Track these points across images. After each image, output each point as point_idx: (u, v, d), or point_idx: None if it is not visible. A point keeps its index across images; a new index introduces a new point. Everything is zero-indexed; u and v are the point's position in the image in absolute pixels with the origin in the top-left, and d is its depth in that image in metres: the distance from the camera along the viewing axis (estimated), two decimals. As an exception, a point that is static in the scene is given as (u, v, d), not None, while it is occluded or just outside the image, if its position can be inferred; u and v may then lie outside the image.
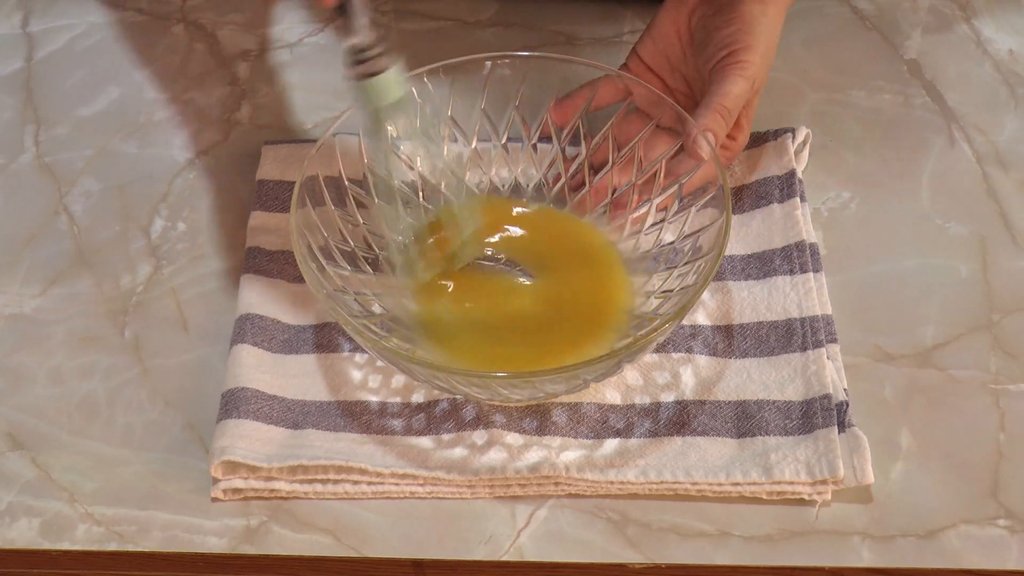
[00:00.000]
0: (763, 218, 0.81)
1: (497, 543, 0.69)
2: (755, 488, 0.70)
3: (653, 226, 0.79)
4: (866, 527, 0.69)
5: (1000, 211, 0.83)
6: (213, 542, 0.70)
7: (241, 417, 0.72)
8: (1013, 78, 0.92)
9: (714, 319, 0.77)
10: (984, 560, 0.68)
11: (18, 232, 0.86)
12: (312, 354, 0.77)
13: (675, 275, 0.75)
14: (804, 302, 0.77)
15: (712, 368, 0.75)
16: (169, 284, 0.82)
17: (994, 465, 0.71)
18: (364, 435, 0.73)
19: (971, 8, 0.97)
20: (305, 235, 0.73)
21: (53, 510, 0.72)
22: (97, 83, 0.95)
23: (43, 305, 0.81)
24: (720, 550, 0.68)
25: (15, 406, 0.76)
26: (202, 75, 0.95)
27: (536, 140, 0.83)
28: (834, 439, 0.70)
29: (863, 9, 0.98)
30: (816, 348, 0.74)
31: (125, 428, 0.75)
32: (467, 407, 0.73)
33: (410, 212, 0.81)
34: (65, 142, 0.91)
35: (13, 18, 1.01)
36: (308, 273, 0.72)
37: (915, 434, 0.73)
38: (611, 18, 0.98)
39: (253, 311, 0.78)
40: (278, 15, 1.00)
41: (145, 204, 0.87)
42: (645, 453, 0.71)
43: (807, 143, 0.85)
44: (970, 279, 0.80)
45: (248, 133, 0.91)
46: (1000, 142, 0.88)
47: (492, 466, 0.71)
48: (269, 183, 0.85)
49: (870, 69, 0.93)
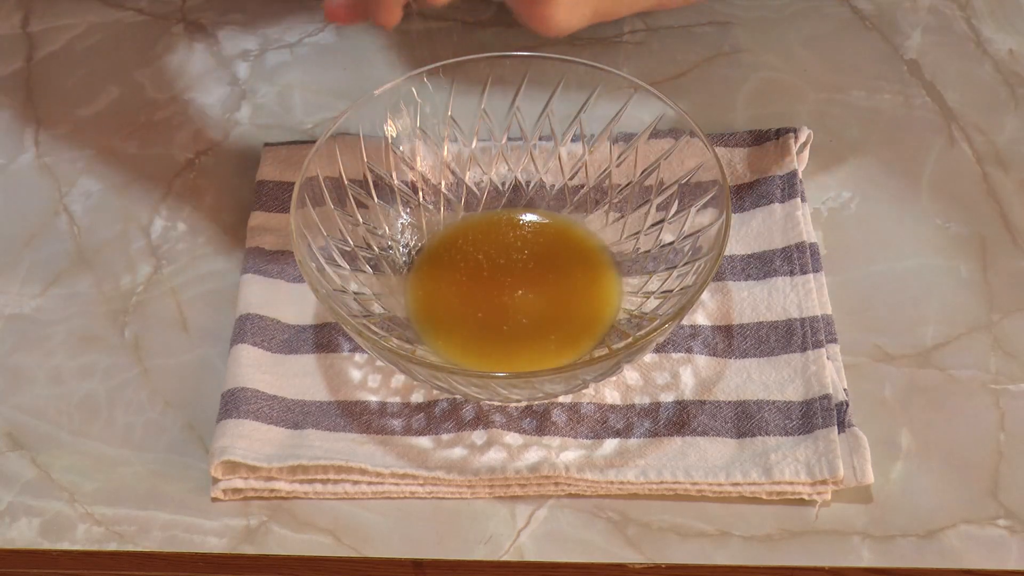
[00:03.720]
0: (763, 218, 0.82)
1: (497, 543, 0.69)
2: (755, 488, 0.70)
3: (653, 226, 0.79)
4: (866, 527, 0.69)
5: (1000, 211, 0.83)
6: (213, 542, 0.70)
7: (241, 417, 0.72)
8: (1013, 78, 0.92)
9: (714, 319, 0.77)
10: (984, 560, 0.68)
11: (18, 232, 0.86)
12: (312, 354, 0.77)
13: (675, 275, 0.75)
14: (804, 302, 0.77)
15: (712, 368, 0.75)
16: (169, 284, 0.82)
17: (994, 465, 0.71)
18: (364, 435, 0.73)
19: (971, 8, 0.97)
20: (305, 235, 0.73)
21: (53, 510, 0.72)
22: (97, 83, 0.95)
23: (43, 305, 0.81)
24: (720, 550, 0.69)
25: (15, 406, 0.76)
26: (202, 75, 0.95)
27: (536, 140, 0.83)
28: (834, 439, 0.70)
29: (863, 9, 0.98)
30: (816, 348, 0.74)
31: (125, 428, 0.75)
32: (467, 407, 0.74)
33: (410, 212, 0.82)
34: (65, 142, 0.91)
35: (13, 18, 1.01)
36: (308, 273, 0.72)
37: (915, 434, 0.73)
38: (611, 18, 0.98)
39: (253, 311, 0.78)
40: (278, 15, 1.00)
41: (145, 204, 0.87)
42: (645, 453, 0.71)
43: (808, 143, 0.85)
44: (970, 279, 0.80)
45: (248, 133, 0.91)
46: (1000, 142, 0.88)
47: (492, 466, 0.71)
48: (269, 183, 0.85)
49: (870, 69, 0.93)
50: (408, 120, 0.81)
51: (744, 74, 0.93)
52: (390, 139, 0.81)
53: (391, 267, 0.79)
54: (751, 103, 0.91)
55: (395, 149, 0.81)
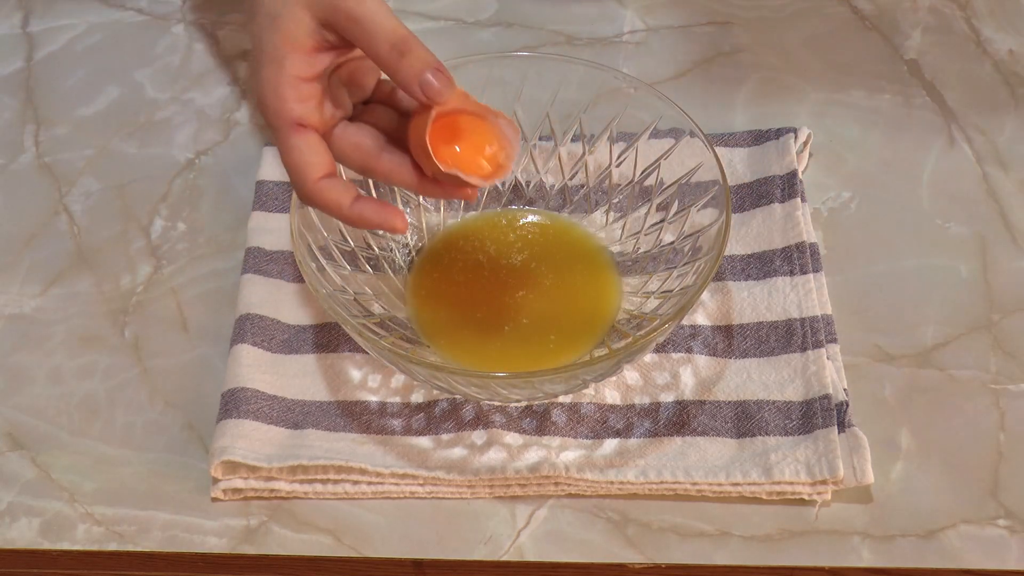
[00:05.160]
0: (764, 218, 0.81)
1: (497, 543, 0.69)
2: (755, 488, 0.70)
3: (653, 226, 0.79)
4: (866, 527, 0.69)
5: (1000, 211, 0.83)
6: (213, 542, 0.70)
7: (241, 417, 0.72)
8: (1013, 78, 0.92)
9: (714, 319, 0.77)
10: (984, 560, 0.68)
11: (18, 232, 0.86)
12: (312, 354, 0.77)
13: (675, 275, 0.75)
14: (804, 302, 0.77)
15: (712, 368, 0.75)
16: (169, 284, 0.82)
17: (994, 465, 0.71)
18: (364, 435, 0.73)
19: (971, 8, 0.97)
20: (305, 235, 0.73)
21: (53, 510, 0.72)
22: (97, 83, 0.95)
23: (43, 305, 0.81)
24: (720, 550, 0.68)
25: (15, 406, 0.76)
26: (202, 75, 0.95)
27: (536, 140, 0.83)
28: (834, 439, 0.70)
29: (863, 9, 0.98)
30: (816, 348, 0.74)
31: (125, 428, 0.75)
32: (466, 407, 0.73)
33: (410, 212, 0.82)
34: (65, 142, 0.91)
35: (13, 18, 1.01)
36: (308, 273, 0.72)
37: (915, 434, 0.73)
38: (611, 18, 0.98)
39: (253, 311, 0.78)
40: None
41: (145, 204, 0.87)
42: (645, 453, 0.71)
43: (808, 143, 0.85)
44: (970, 279, 0.80)
45: (248, 133, 0.91)
46: (1000, 142, 0.88)
47: (492, 466, 0.71)
48: (269, 183, 0.85)
49: (870, 69, 0.93)
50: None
51: (744, 74, 0.93)
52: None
53: (391, 267, 0.79)
54: (751, 103, 0.91)
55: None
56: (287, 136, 0.65)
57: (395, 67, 0.64)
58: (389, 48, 0.64)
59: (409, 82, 0.64)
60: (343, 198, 0.66)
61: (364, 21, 0.64)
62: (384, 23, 0.64)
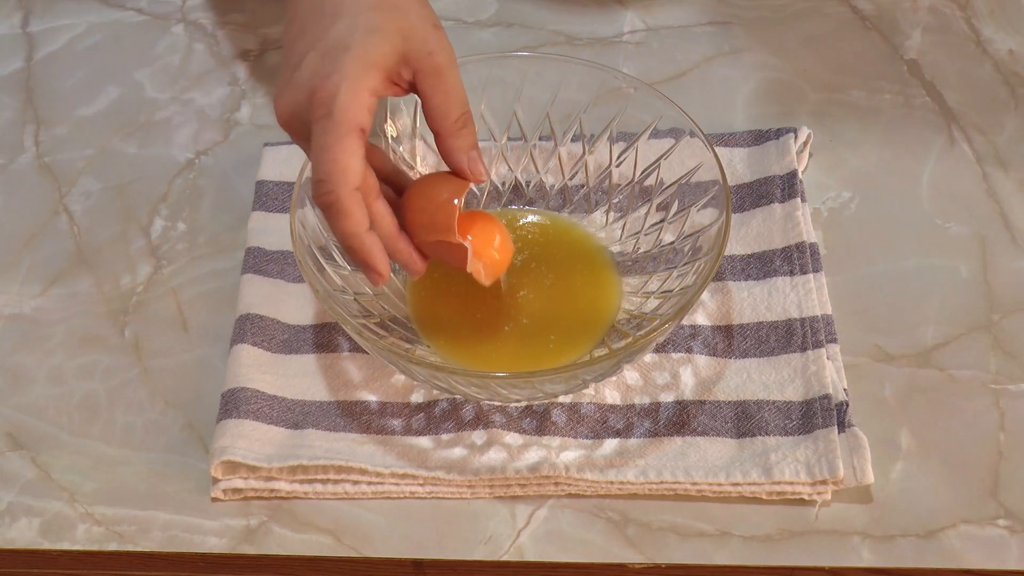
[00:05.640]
0: (763, 218, 0.81)
1: (497, 543, 0.69)
2: (755, 488, 0.70)
3: (653, 226, 0.79)
4: (866, 527, 0.69)
5: (1000, 211, 0.83)
6: (213, 542, 0.70)
7: (241, 417, 0.72)
8: (1013, 78, 0.92)
9: (714, 319, 0.77)
10: (984, 560, 0.68)
11: (18, 232, 0.86)
12: (312, 354, 0.77)
13: (675, 275, 0.75)
14: (804, 302, 0.77)
15: (712, 368, 0.75)
16: (169, 284, 0.82)
17: (994, 465, 0.71)
18: (364, 435, 0.73)
19: (971, 8, 0.97)
20: (305, 235, 0.73)
21: (53, 510, 0.72)
22: (97, 83, 0.95)
23: (43, 305, 0.81)
24: (720, 550, 0.68)
25: (15, 406, 0.76)
26: (202, 75, 0.95)
27: (536, 140, 0.83)
28: (834, 439, 0.70)
29: (863, 9, 0.98)
30: (816, 348, 0.74)
31: (125, 428, 0.75)
32: (466, 407, 0.73)
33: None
34: (65, 142, 0.91)
35: (13, 18, 1.01)
36: (308, 273, 0.72)
37: (915, 434, 0.73)
38: (611, 18, 0.98)
39: (253, 311, 0.78)
40: (278, 15, 1.00)
41: (145, 204, 0.87)
42: (645, 453, 0.71)
43: (808, 143, 0.85)
44: (970, 279, 0.80)
45: (248, 133, 0.91)
46: (1000, 142, 0.88)
47: (492, 466, 0.71)
48: (269, 183, 0.85)
49: (870, 69, 0.93)
50: (408, 120, 0.81)
51: (744, 74, 0.93)
52: (390, 139, 0.81)
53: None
54: (751, 103, 0.91)
55: (395, 149, 0.81)
56: (345, 134, 0.64)
57: (454, 134, 0.67)
58: (458, 115, 0.67)
59: (459, 152, 0.68)
60: (365, 219, 0.66)
61: (447, 80, 0.67)
62: (461, 90, 0.68)
